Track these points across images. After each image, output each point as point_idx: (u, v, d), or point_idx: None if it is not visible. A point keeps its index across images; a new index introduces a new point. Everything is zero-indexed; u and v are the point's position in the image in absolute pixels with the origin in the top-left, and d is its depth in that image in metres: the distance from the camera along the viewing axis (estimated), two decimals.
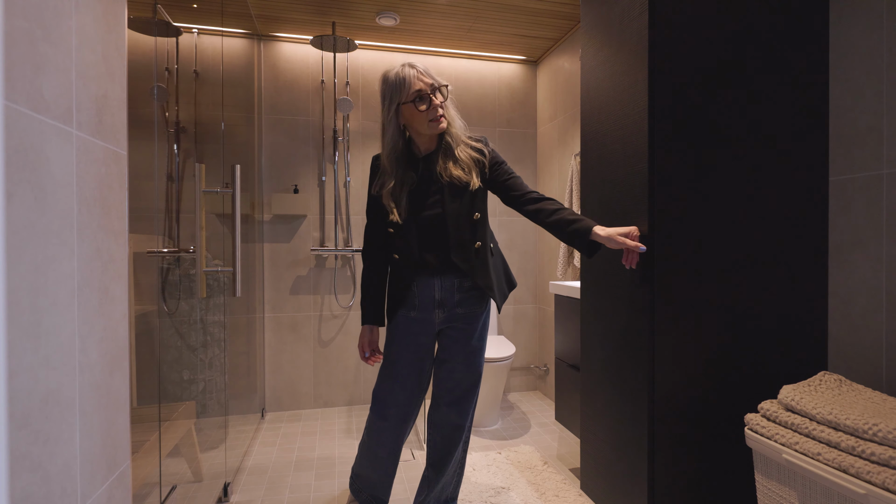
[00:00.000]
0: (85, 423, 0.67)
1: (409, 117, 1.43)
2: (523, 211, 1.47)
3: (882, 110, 1.40)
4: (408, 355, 1.52)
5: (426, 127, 1.43)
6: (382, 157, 1.48)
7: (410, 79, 1.40)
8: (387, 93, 1.43)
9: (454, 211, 1.44)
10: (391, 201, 1.45)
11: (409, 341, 1.52)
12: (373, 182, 1.52)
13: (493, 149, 1.52)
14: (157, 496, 1.38)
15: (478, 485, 1.95)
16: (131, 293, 1.32)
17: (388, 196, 1.46)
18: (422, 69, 1.41)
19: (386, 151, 1.46)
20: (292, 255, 2.86)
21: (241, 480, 2.03)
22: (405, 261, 1.49)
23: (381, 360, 1.58)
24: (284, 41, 2.84)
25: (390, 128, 1.44)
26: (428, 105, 1.40)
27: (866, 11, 1.44)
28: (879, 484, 0.99)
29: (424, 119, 1.42)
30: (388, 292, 1.57)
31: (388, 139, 1.45)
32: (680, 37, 1.45)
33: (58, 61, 0.61)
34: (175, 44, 1.69)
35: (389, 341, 1.55)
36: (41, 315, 0.57)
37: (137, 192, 1.24)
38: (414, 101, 1.40)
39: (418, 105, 1.40)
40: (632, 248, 1.37)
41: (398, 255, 1.50)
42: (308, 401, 2.90)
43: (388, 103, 1.43)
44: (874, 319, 1.42)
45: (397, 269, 1.53)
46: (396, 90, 1.41)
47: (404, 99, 1.40)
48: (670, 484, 1.47)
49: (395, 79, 1.41)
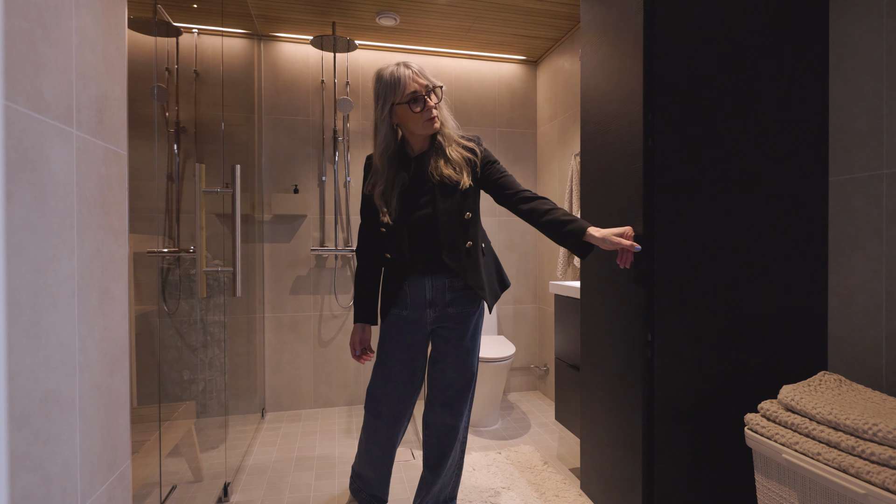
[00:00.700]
0: (85, 423, 0.67)
1: (402, 117, 1.43)
2: (516, 210, 1.46)
3: (882, 110, 1.40)
4: (399, 353, 1.53)
5: (420, 127, 1.43)
6: (375, 156, 1.48)
7: (406, 79, 1.39)
8: (381, 92, 1.42)
9: (445, 210, 1.43)
10: (382, 202, 1.46)
11: (401, 340, 1.53)
12: (366, 181, 1.53)
13: (485, 148, 1.52)
14: (157, 496, 1.38)
15: (478, 484, 1.95)
16: (131, 293, 1.32)
17: (379, 197, 1.46)
18: (416, 69, 1.41)
19: (378, 151, 1.46)
20: (292, 255, 2.86)
21: (241, 480, 2.03)
22: (397, 260, 1.49)
23: (372, 359, 1.58)
24: (284, 41, 2.84)
25: (383, 127, 1.43)
26: (422, 106, 1.40)
27: (866, 11, 1.44)
28: (879, 484, 0.99)
29: (419, 119, 1.41)
30: (382, 291, 1.57)
31: (380, 138, 1.45)
32: (679, 36, 1.45)
33: (58, 61, 0.61)
34: (175, 44, 1.69)
35: (382, 339, 1.56)
36: (41, 315, 0.57)
37: (137, 192, 1.24)
38: (409, 102, 1.40)
39: (413, 106, 1.40)
40: (627, 247, 1.36)
41: (390, 254, 1.51)
42: (308, 401, 2.90)
43: (381, 103, 1.42)
44: (874, 319, 1.42)
45: (390, 268, 1.54)
46: (391, 90, 1.40)
47: (399, 99, 1.40)
48: (670, 484, 1.47)
49: (389, 78, 1.40)
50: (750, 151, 1.51)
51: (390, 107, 1.41)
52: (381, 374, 1.55)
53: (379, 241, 1.55)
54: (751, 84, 1.51)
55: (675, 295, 1.46)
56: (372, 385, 1.56)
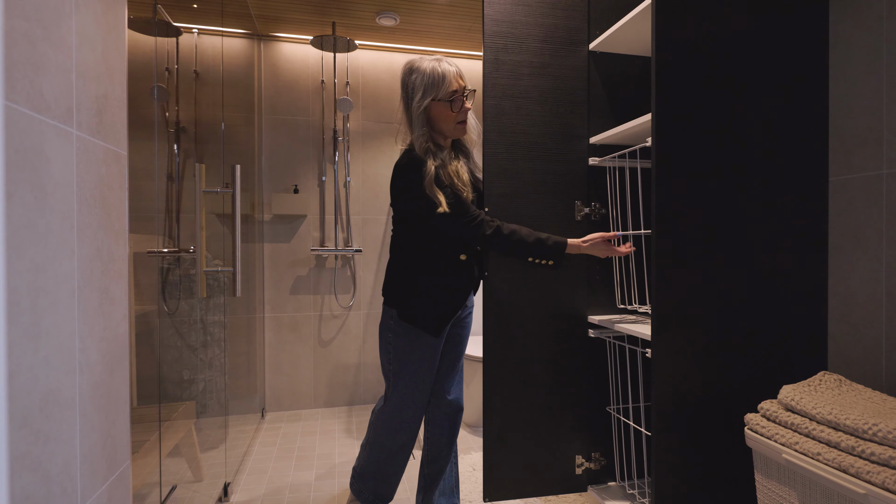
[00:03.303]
0: (85, 423, 0.67)
1: (435, 115, 1.41)
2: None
3: (882, 110, 1.40)
4: (431, 372, 1.54)
5: (452, 129, 1.42)
6: (418, 149, 1.41)
7: (450, 77, 1.38)
8: (420, 85, 1.38)
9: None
10: (452, 186, 1.41)
11: (437, 352, 1.53)
12: (422, 174, 1.38)
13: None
14: (157, 496, 1.38)
15: (479, 484, 1.95)
16: (131, 293, 1.32)
17: (452, 178, 1.42)
18: (458, 69, 1.41)
19: (419, 144, 1.41)
20: (292, 255, 2.86)
21: (241, 480, 2.03)
22: (472, 259, 1.51)
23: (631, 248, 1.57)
24: (284, 41, 2.84)
25: (420, 121, 1.39)
26: (460, 107, 1.40)
27: (866, 11, 1.44)
28: (879, 484, 0.99)
29: (453, 120, 1.41)
30: (438, 296, 1.47)
31: (419, 133, 1.40)
32: (679, 36, 1.45)
33: (58, 61, 0.61)
34: (175, 44, 1.69)
35: (412, 351, 1.49)
36: (41, 315, 0.57)
37: (137, 192, 1.24)
38: (450, 100, 1.38)
39: (453, 106, 1.39)
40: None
41: (465, 254, 1.47)
42: (308, 401, 2.90)
43: (420, 96, 1.38)
44: (874, 319, 1.42)
45: (459, 268, 1.48)
46: (433, 84, 1.37)
47: (440, 96, 1.38)
48: (670, 483, 1.47)
49: (432, 72, 1.37)
50: (750, 151, 1.51)
51: (429, 101, 1.39)
52: (415, 395, 1.50)
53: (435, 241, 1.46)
54: (750, 84, 1.51)
55: (675, 294, 1.46)
56: (406, 409, 1.50)
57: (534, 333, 1.83)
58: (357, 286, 2.94)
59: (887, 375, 1.37)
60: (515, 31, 1.82)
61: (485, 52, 1.79)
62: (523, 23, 1.82)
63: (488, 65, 1.79)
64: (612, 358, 1.86)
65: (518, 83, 1.82)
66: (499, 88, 1.80)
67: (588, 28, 1.89)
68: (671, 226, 1.45)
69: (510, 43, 1.81)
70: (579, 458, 1.87)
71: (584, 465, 1.87)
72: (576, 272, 1.87)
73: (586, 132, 1.89)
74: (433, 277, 1.46)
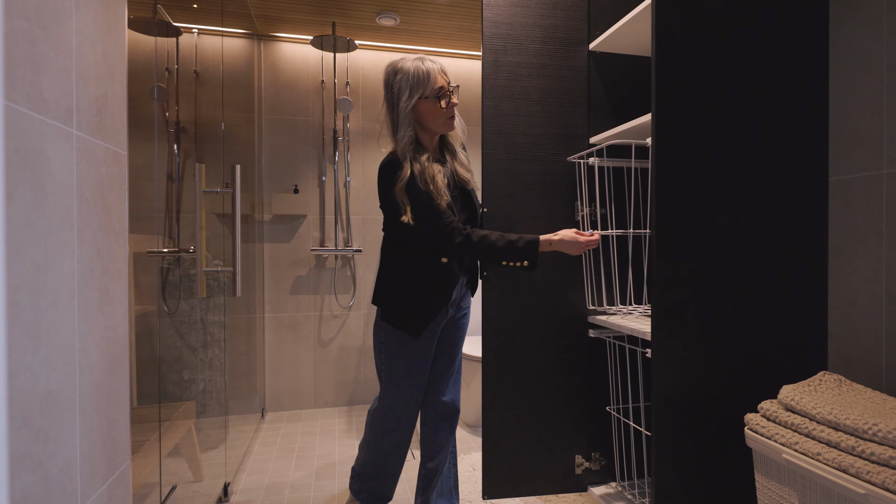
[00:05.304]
0: (85, 423, 0.67)
1: (424, 113, 1.41)
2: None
3: (882, 110, 1.40)
4: (425, 368, 1.53)
5: (441, 125, 1.42)
6: (399, 152, 1.40)
7: (434, 74, 1.38)
8: (405, 84, 1.38)
9: (469, 208, 1.51)
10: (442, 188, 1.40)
11: (428, 352, 1.52)
12: (395, 177, 1.38)
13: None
14: (157, 496, 1.38)
15: (479, 484, 1.95)
16: (131, 293, 1.32)
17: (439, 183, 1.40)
18: (440, 65, 1.42)
19: (401, 146, 1.40)
20: (292, 255, 2.86)
21: (241, 480, 2.03)
22: (455, 260, 1.48)
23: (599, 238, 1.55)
24: (284, 41, 2.84)
25: (406, 121, 1.39)
26: (447, 102, 1.40)
27: (866, 11, 1.44)
28: (879, 484, 0.99)
29: (442, 116, 1.41)
30: (422, 296, 1.46)
31: (403, 133, 1.39)
32: (679, 36, 1.45)
33: (58, 61, 0.61)
34: (175, 44, 1.69)
35: (402, 351, 1.49)
36: (41, 315, 0.57)
37: (137, 192, 1.24)
38: (437, 97, 1.39)
39: (441, 101, 1.39)
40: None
41: (447, 257, 1.44)
42: (308, 401, 2.90)
43: (407, 95, 1.37)
44: (874, 319, 1.42)
45: (436, 267, 1.44)
46: (419, 83, 1.37)
47: (427, 93, 1.38)
48: (670, 483, 1.47)
49: (416, 71, 1.38)
50: (750, 151, 1.51)
51: (416, 100, 1.38)
52: (407, 395, 1.50)
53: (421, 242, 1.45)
54: (750, 84, 1.51)
55: (675, 294, 1.46)
56: (399, 409, 1.51)
57: (533, 333, 1.83)
58: (357, 286, 2.94)
59: (887, 375, 1.37)
60: (514, 33, 1.82)
61: (484, 53, 1.79)
62: (522, 24, 1.83)
63: (487, 66, 1.79)
64: (611, 358, 1.86)
65: (517, 84, 1.82)
66: (498, 90, 1.80)
67: (588, 28, 1.89)
68: (671, 225, 1.45)
69: (509, 44, 1.81)
70: (579, 458, 1.87)
71: (583, 464, 1.87)
72: (576, 272, 1.87)
73: (586, 132, 1.90)
74: (413, 279, 1.45)
